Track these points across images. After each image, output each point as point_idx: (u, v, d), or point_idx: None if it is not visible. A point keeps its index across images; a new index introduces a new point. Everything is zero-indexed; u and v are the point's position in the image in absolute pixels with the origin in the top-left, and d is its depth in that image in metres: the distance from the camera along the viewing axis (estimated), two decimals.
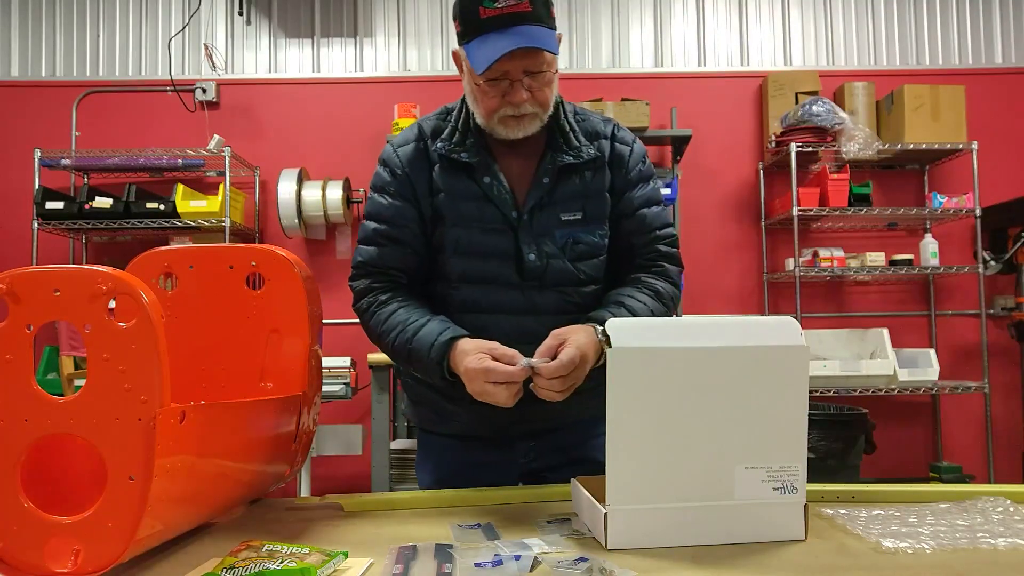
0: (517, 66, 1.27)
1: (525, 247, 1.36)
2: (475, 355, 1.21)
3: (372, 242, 1.40)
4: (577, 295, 1.39)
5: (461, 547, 1.02)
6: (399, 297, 1.39)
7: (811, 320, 4.09)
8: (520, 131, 1.34)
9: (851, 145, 3.72)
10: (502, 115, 1.32)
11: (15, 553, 0.92)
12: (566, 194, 1.38)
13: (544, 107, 1.33)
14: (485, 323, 1.35)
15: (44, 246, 3.89)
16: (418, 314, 1.34)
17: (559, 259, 1.37)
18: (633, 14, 4.34)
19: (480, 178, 1.36)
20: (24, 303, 0.92)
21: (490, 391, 1.19)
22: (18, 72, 4.27)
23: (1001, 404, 4.11)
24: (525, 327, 1.35)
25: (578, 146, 1.39)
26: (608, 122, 1.47)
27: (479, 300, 1.38)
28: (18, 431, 0.91)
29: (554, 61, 1.31)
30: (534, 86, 1.30)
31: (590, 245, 1.39)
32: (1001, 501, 1.18)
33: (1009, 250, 3.78)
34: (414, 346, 1.30)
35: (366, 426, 3.77)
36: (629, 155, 1.44)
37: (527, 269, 1.36)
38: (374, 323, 1.38)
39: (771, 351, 1.03)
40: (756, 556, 0.99)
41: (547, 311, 1.37)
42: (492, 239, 1.36)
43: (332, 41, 4.32)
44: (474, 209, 1.36)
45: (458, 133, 1.38)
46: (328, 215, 3.96)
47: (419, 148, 1.40)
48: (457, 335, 1.27)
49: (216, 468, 1.07)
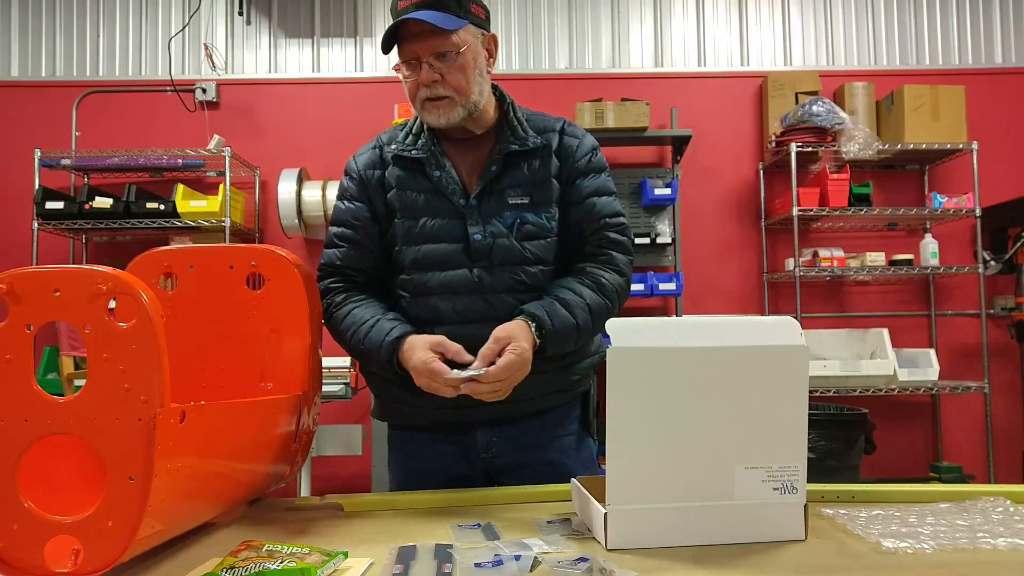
0: (424, 48, 1.36)
1: (472, 228, 1.41)
2: (422, 351, 1.29)
3: (332, 245, 1.49)
4: (525, 275, 1.43)
5: (461, 547, 1.02)
6: (354, 297, 1.46)
7: (811, 320, 4.09)
8: (440, 116, 1.40)
9: (851, 145, 3.72)
10: (421, 98, 1.39)
11: (15, 553, 0.92)
12: (513, 181, 1.44)
13: (460, 92, 1.39)
14: (437, 304, 1.42)
15: (44, 246, 3.89)
16: (370, 312, 1.41)
17: (505, 238, 1.42)
18: (633, 14, 4.34)
19: (431, 172, 1.44)
20: (24, 303, 0.92)
21: (435, 387, 1.28)
22: (18, 72, 4.27)
23: (1001, 404, 4.11)
24: (476, 307, 1.41)
25: (524, 136, 1.46)
26: (559, 120, 1.53)
27: (430, 283, 1.43)
28: (18, 431, 0.91)
29: (465, 46, 1.37)
30: (443, 69, 1.37)
31: (537, 226, 1.44)
32: (1001, 501, 1.18)
33: (1009, 250, 3.78)
34: (366, 345, 1.37)
35: (366, 426, 3.77)
36: (577, 146, 1.49)
37: (473, 248, 1.41)
38: (332, 324, 1.45)
39: (771, 351, 1.03)
40: (756, 556, 0.99)
41: (496, 290, 1.41)
42: (441, 225, 1.43)
43: (332, 41, 4.31)
44: (423, 201, 1.44)
45: (411, 135, 1.48)
46: (328, 215, 3.95)
47: (375, 152, 1.50)
48: (404, 332, 1.34)
49: (216, 468, 1.07)
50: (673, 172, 4.12)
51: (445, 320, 1.41)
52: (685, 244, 4.17)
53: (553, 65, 4.31)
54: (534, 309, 1.35)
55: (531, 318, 1.33)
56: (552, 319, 1.34)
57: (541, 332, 1.33)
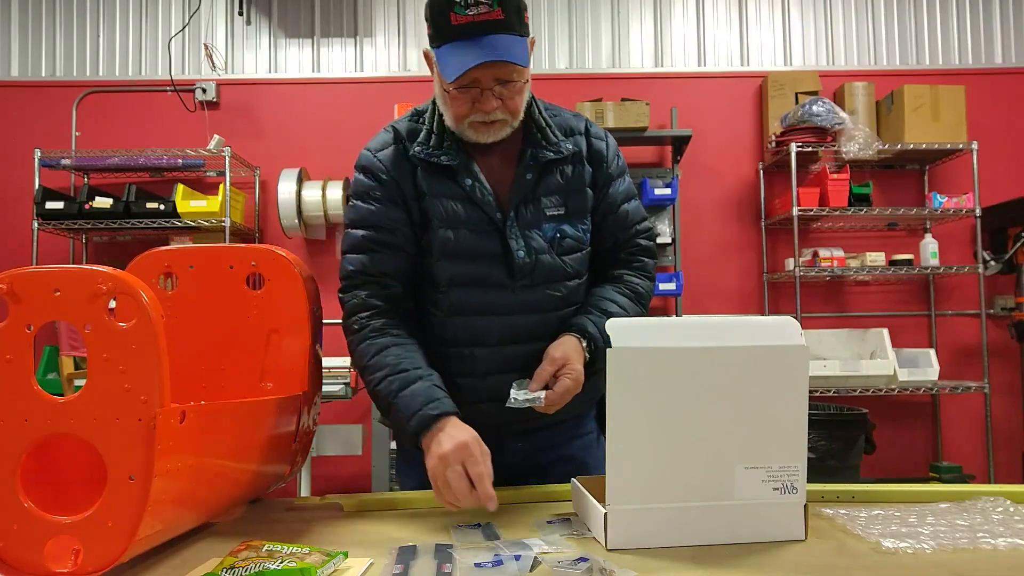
0: (488, 75, 1.25)
1: (513, 243, 1.34)
2: (456, 452, 1.13)
3: (362, 249, 1.35)
4: (565, 289, 1.40)
5: (461, 547, 1.02)
6: (393, 329, 1.32)
7: (811, 320, 4.09)
8: (490, 136, 1.32)
9: (851, 145, 3.72)
10: (472, 120, 1.30)
11: (15, 553, 0.92)
12: (548, 189, 1.38)
13: (514, 114, 1.32)
14: (476, 325, 1.35)
15: (44, 246, 3.89)
16: (409, 361, 1.27)
17: (547, 254, 1.37)
18: (633, 14, 4.34)
19: (462, 180, 1.35)
20: (24, 303, 0.92)
21: (445, 493, 1.14)
22: (18, 72, 4.27)
23: (1001, 404, 4.11)
24: (516, 327, 1.36)
25: (556, 141, 1.38)
26: (579, 118, 1.47)
27: (470, 303, 1.35)
28: (18, 431, 0.91)
29: (525, 70, 1.28)
30: (505, 94, 1.28)
31: (575, 239, 1.40)
32: (1001, 501, 1.18)
33: (1009, 250, 3.78)
34: (396, 402, 1.24)
35: (366, 426, 3.77)
36: (606, 150, 1.45)
37: (517, 267, 1.34)
38: (362, 351, 1.32)
39: (771, 351, 1.03)
40: (756, 556, 0.99)
41: (537, 309, 1.37)
42: (479, 240, 1.34)
43: (332, 41, 4.31)
44: (460, 209, 1.34)
45: (434, 136, 1.36)
46: (328, 215, 3.96)
47: (398, 150, 1.38)
48: (446, 411, 1.20)
49: (216, 468, 1.07)
50: (673, 172, 4.12)
51: (485, 341, 1.35)
52: (685, 244, 4.17)
53: (553, 65, 4.31)
54: (586, 325, 1.33)
55: (583, 335, 1.32)
56: (603, 335, 1.28)
57: (591, 347, 1.32)
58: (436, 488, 1.15)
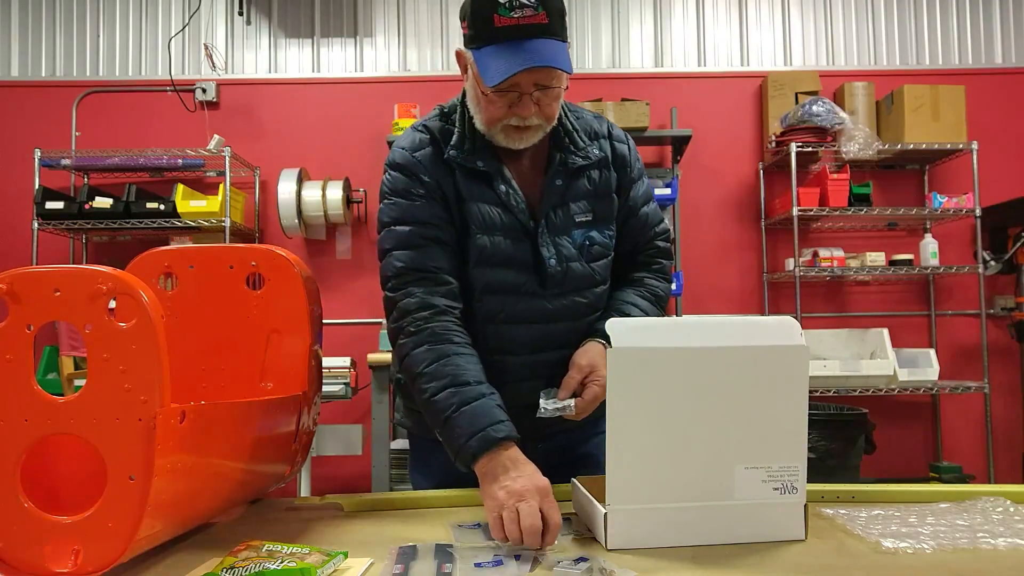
0: (529, 80, 1.22)
1: (545, 250, 1.33)
2: (536, 492, 1.06)
3: (411, 245, 1.29)
4: (592, 296, 1.39)
5: (461, 547, 1.02)
6: (455, 336, 1.25)
7: (811, 320, 4.09)
8: (521, 143, 1.30)
9: (851, 145, 3.71)
10: (505, 125, 1.27)
11: (15, 553, 0.92)
12: (576, 194, 1.37)
13: (549, 120, 1.30)
14: (507, 333, 1.35)
15: (44, 246, 3.89)
16: (471, 374, 1.21)
17: (577, 262, 1.36)
18: (633, 14, 4.34)
19: (496, 186, 1.33)
20: (24, 303, 0.92)
21: (510, 527, 1.03)
22: (18, 72, 4.27)
23: (1001, 404, 4.11)
24: (547, 334, 1.36)
25: (584, 147, 1.37)
26: (601, 120, 1.46)
27: (503, 311, 1.34)
28: (18, 431, 0.91)
29: (565, 76, 1.25)
30: (543, 100, 1.25)
31: (602, 245, 1.39)
32: (1001, 501, 1.18)
33: (1009, 250, 3.78)
34: (454, 417, 1.17)
35: (366, 426, 3.77)
36: (629, 153, 1.45)
37: (548, 276, 1.33)
38: (418, 357, 1.24)
39: (771, 351, 1.03)
40: (756, 556, 0.99)
41: (566, 317, 1.37)
42: (513, 248, 1.33)
43: (332, 41, 4.31)
44: (496, 216, 1.32)
45: (468, 140, 1.33)
46: (328, 215, 3.96)
47: (436, 153, 1.34)
48: (510, 436, 1.15)
49: (216, 468, 1.07)
50: (673, 172, 4.12)
51: (517, 350, 1.34)
52: (685, 244, 4.17)
53: None
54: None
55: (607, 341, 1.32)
56: None
57: None
58: (498, 518, 1.04)
